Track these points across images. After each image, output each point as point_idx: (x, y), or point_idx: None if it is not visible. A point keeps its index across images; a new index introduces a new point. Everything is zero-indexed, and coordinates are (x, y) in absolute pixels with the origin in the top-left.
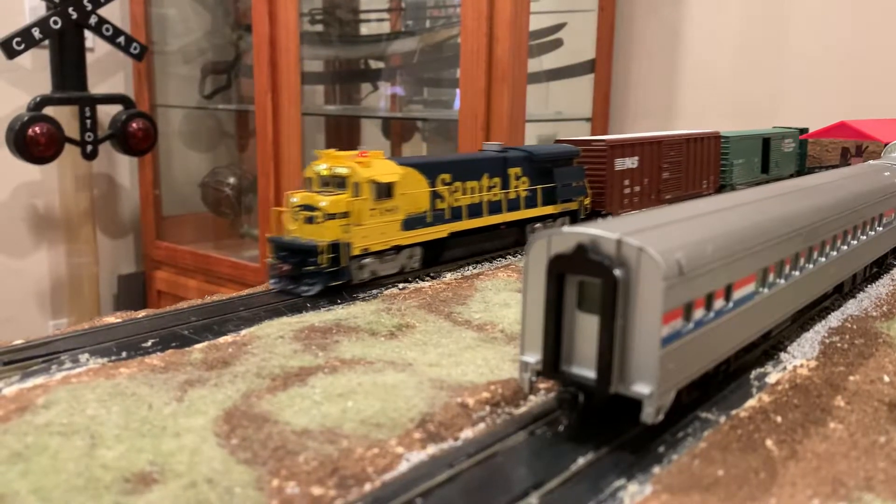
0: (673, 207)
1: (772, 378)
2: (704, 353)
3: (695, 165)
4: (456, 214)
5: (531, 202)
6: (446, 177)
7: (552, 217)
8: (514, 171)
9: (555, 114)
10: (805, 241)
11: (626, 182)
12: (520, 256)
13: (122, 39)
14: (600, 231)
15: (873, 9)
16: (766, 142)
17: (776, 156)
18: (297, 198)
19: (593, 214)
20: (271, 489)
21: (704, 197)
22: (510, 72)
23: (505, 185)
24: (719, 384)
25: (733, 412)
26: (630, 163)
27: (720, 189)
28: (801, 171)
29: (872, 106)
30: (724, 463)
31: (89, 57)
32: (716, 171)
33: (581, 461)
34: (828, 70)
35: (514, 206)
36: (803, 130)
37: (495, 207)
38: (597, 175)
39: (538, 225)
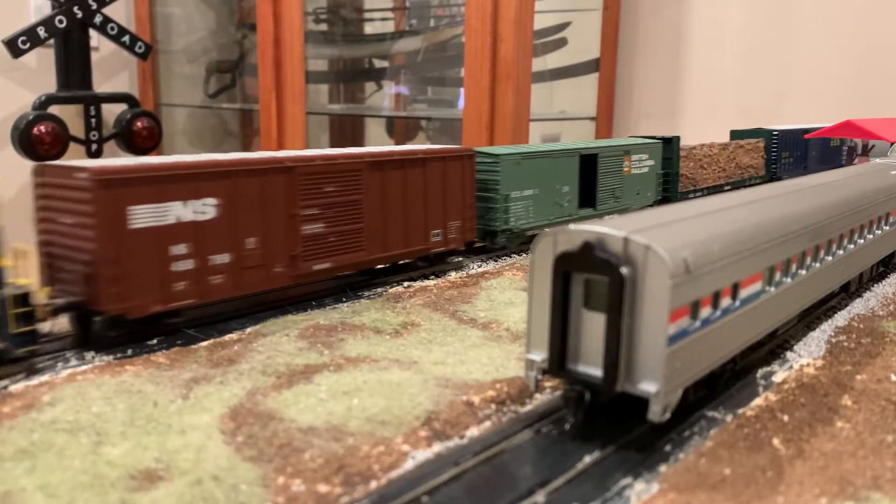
0: (679, 205)
1: (778, 377)
2: (711, 351)
3: (403, 205)
4: None
5: None
6: None
7: None
8: None
9: (559, 113)
10: (812, 239)
11: (179, 250)
12: (525, 255)
13: (126, 38)
14: (607, 229)
15: (879, 7)
16: (587, 160)
17: (612, 181)
18: None
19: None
20: (277, 486)
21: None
22: (514, 71)
23: None
24: (726, 383)
25: (740, 411)
26: (193, 210)
27: (488, 243)
28: (672, 197)
29: (879, 104)
30: (730, 461)
31: (94, 56)
32: (465, 211)
33: (587, 459)
34: (833, 69)
35: None
36: (669, 141)
37: None
38: (75, 238)
39: None
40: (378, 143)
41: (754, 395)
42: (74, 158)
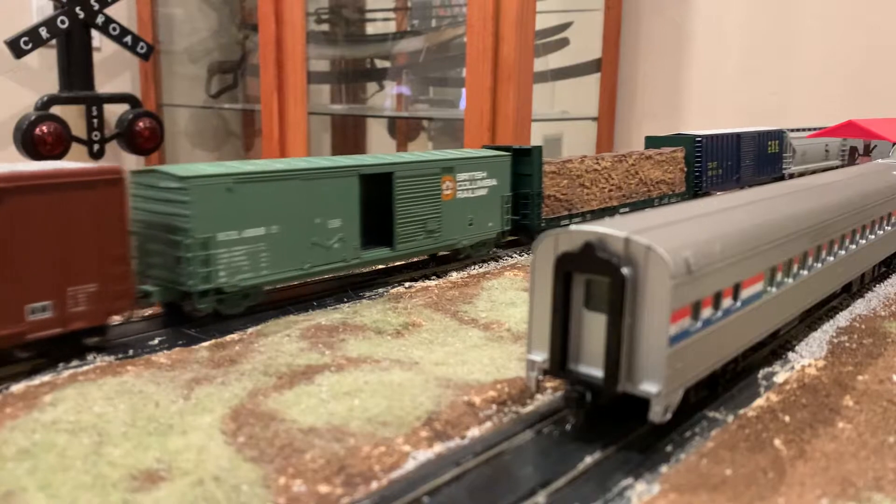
0: (681, 206)
1: (780, 377)
2: (712, 352)
3: None
4: None
5: None
6: None
7: None
8: None
9: (561, 113)
10: (813, 240)
11: None
12: (526, 255)
13: (128, 39)
14: (608, 229)
15: (881, 6)
16: (376, 183)
17: (421, 209)
18: None
19: None
20: (278, 487)
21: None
22: (516, 71)
23: None
24: (727, 383)
25: (741, 411)
26: None
27: (189, 309)
28: (531, 226)
29: (882, 104)
30: (732, 462)
31: (96, 56)
32: (110, 267)
33: (588, 460)
34: (836, 68)
35: None
36: (526, 152)
37: None
38: None
39: None
40: (380, 144)
41: (756, 395)
42: (76, 159)
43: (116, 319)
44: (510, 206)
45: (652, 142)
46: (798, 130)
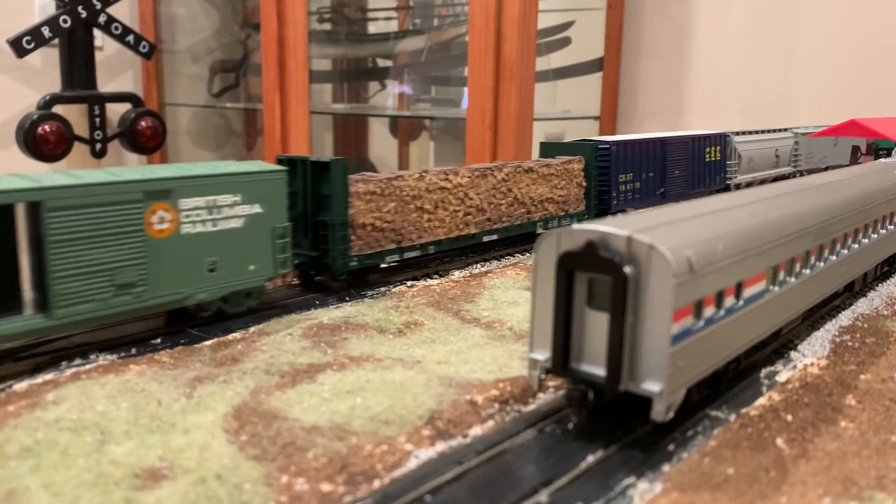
0: (683, 205)
1: (782, 376)
2: (714, 350)
3: None
4: None
5: None
6: None
7: None
8: None
9: (562, 112)
10: (816, 238)
11: None
12: (528, 254)
13: (130, 38)
14: (610, 228)
15: (884, 6)
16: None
17: (102, 255)
18: None
19: None
20: (280, 485)
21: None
22: (518, 70)
23: None
24: (729, 382)
25: (743, 410)
26: None
27: None
28: (334, 265)
29: (885, 103)
30: (734, 461)
31: (98, 55)
32: None
33: (590, 459)
34: (838, 67)
35: None
36: (323, 167)
37: None
38: None
39: None
40: (382, 143)
41: (758, 394)
42: (79, 158)
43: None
44: (287, 240)
45: (548, 150)
46: (748, 133)
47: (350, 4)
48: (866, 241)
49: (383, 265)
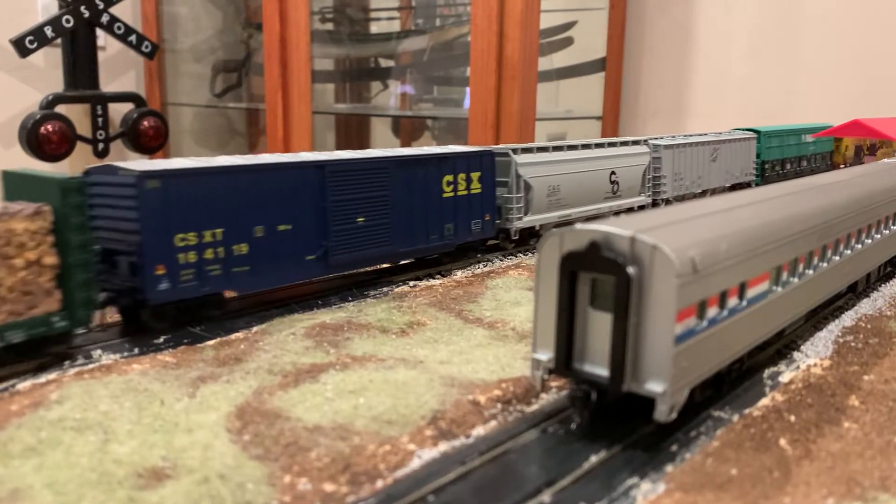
0: (687, 205)
1: (785, 377)
2: (718, 351)
3: None
4: None
5: None
6: None
7: None
8: None
9: (565, 112)
10: (819, 239)
11: None
12: (531, 254)
13: (133, 38)
14: (614, 228)
15: (886, 6)
16: None
17: None
18: None
19: None
20: (283, 485)
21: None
22: (520, 70)
23: None
24: (732, 383)
25: (746, 411)
26: None
27: None
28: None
29: (887, 103)
30: (737, 462)
31: (101, 55)
32: None
33: (593, 459)
34: (841, 68)
35: None
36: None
37: None
38: None
39: None
40: (384, 143)
41: (761, 395)
42: (81, 158)
43: None
44: None
45: (12, 183)
46: (550, 150)
47: (352, 4)
48: (870, 241)
49: None
